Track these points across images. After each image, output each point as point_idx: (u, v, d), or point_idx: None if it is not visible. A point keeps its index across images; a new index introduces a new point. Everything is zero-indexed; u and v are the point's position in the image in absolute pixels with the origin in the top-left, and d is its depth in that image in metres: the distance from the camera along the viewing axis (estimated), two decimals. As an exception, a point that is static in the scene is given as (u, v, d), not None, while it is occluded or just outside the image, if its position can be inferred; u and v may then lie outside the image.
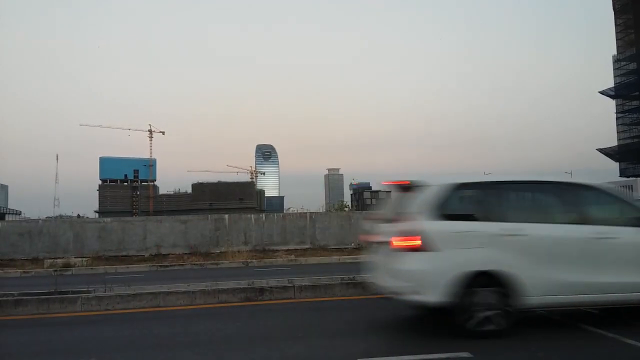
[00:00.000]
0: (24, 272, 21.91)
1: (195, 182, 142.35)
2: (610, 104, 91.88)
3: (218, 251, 28.01)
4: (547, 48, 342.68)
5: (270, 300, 10.97)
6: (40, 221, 32.74)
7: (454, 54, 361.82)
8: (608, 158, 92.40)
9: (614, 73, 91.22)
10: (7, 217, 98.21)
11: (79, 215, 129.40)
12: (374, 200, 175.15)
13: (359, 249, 28.79)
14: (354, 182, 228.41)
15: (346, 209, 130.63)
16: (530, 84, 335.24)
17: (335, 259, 24.07)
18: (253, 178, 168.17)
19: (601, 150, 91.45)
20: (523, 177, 8.05)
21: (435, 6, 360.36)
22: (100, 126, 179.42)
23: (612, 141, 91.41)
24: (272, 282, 12.02)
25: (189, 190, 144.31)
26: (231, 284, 11.90)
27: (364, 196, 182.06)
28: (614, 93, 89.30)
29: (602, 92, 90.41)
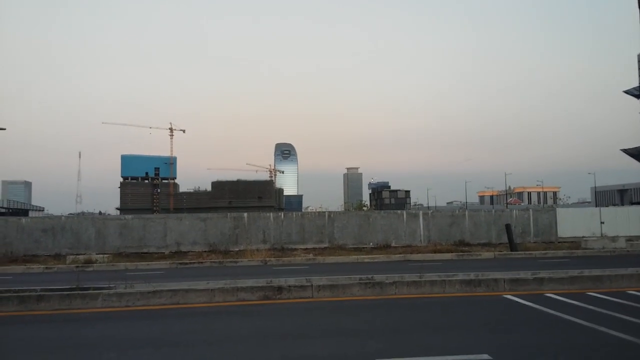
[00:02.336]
0: (47, 267, 22.25)
1: (215, 180, 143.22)
2: (635, 103, 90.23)
3: (237, 249, 28.15)
4: (571, 47, 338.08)
5: (289, 299, 10.99)
6: (63, 218, 33.28)
7: (473, 52, 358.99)
8: (632, 159, 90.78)
9: (639, 72, 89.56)
10: (30, 214, 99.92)
11: (100, 212, 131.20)
12: (392, 200, 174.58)
13: (377, 248, 28.73)
14: (372, 181, 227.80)
15: (365, 208, 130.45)
16: (554, 83, 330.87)
17: (353, 258, 24.02)
18: (272, 177, 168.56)
19: (625, 151, 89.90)
20: None
21: (452, 3, 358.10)
22: (123, 124, 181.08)
23: (636, 141, 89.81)
24: (291, 281, 12.03)
25: (209, 188, 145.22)
26: (250, 282, 11.94)
27: (382, 195, 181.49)
28: (639, 92, 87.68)
29: (626, 92, 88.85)
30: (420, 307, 10.31)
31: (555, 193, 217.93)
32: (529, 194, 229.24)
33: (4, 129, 26.81)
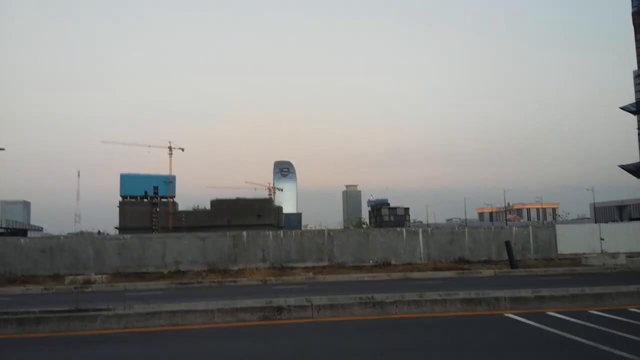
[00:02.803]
0: (45, 288, 22.14)
1: (214, 198, 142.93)
2: (632, 119, 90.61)
3: (236, 268, 28.05)
4: (568, 63, 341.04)
5: (289, 319, 10.93)
6: (61, 238, 33.14)
7: (471, 67, 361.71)
8: (630, 174, 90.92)
9: (635, 89, 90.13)
10: (29, 234, 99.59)
11: (99, 232, 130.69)
12: (392, 217, 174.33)
13: (377, 266, 28.63)
14: (372, 198, 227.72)
15: (364, 225, 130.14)
16: (551, 99, 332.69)
17: (354, 277, 23.93)
18: (271, 194, 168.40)
19: (623, 167, 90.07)
20: None
21: (454, 21, 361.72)
22: (122, 143, 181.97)
23: (634, 158, 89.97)
24: (290, 301, 11.96)
25: (208, 207, 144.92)
26: (249, 303, 11.87)
27: (381, 212, 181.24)
28: (635, 109, 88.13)
29: (623, 108, 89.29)
30: (422, 326, 10.25)
31: (554, 209, 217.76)
32: (528, 210, 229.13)
33: (3, 149, 26.84)
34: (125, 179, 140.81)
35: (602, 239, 31.91)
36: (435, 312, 11.40)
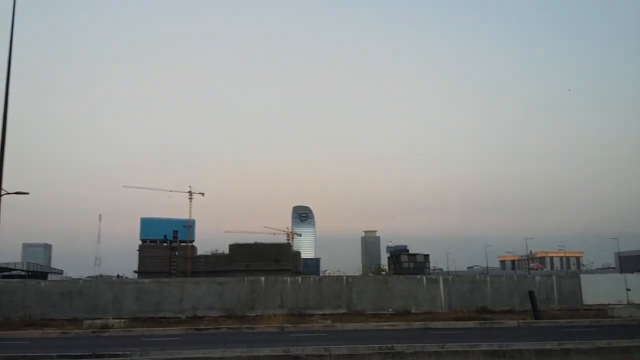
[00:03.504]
0: (63, 332, 22.10)
1: (233, 242, 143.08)
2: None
3: (254, 314, 27.75)
4: (592, 111, 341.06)
5: (306, 369, 10.73)
6: (80, 281, 33.26)
7: (490, 115, 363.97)
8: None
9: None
10: (49, 276, 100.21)
11: (118, 276, 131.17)
12: (411, 264, 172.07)
13: (397, 314, 28.10)
14: (390, 244, 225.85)
15: (383, 272, 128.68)
16: (573, 147, 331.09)
17: (372, 325, 23.49)
18: (289, 239, 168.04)
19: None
20: None
21: (470, 74, 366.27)
22: (142, 188, 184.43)
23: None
24: (308, 350, 11.76)
25: (227, 251, 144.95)
26: (266, 351, 11.71)
27: (401, 259, 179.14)
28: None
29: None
30: (443, 379, 9.96)
31: (578, 258, 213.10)
32: (551, 259, 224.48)
33: (27, 193, 27.36)
34: (146, 223, 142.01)
35: (628, 290, 31.04)
36: (457, 363, 11.11)
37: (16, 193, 26.90)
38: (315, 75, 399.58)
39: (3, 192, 25.21)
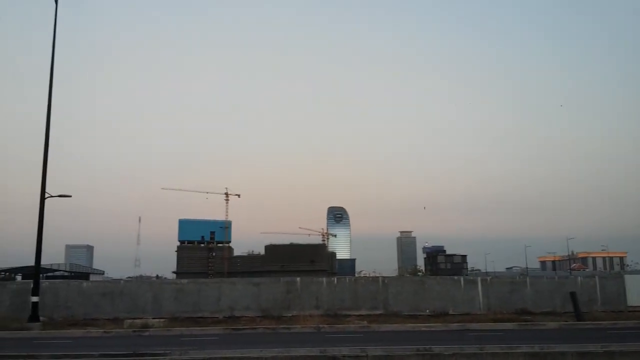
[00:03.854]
0: (105, 332, 22.61)
1: (268, 243, 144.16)
2: None
3: (290, 315, 27.85)
4: (624, 111, 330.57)
5: (343, 369, 10.70)
6: (121, 282, 34.01)
7: (532, 117, 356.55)
8: None
9: None
10: (91, 277, 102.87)
11: (157, 276, 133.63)
12: (448, 265, 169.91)
13: (434, 316, 27.77)
14: (427, 245, 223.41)
15: (419, 273, 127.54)
16: (614, 146, 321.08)
17: (409, 326, 23.28)
18: (324, 240, 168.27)
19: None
20: None
21: (526, 78, 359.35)
22: (180, 190, 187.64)
23: None
24: (345, 350, 11.74)
25: (262, 252, 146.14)
26: (303, 351, 11.73)
27: (437, 260, 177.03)
28: None
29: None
30: (482, 381, 9.79)
31: (621, 258, 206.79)
32: (594, 259, 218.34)
33: (70, 196, 28.13)
34: (184, 225, 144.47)
35: (676, 291, 29.93)
36: (496, 366, 10.90)
37: (59, 196, 27.72)
38: (353, 76, 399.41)
39: (47, 196, 26.02)
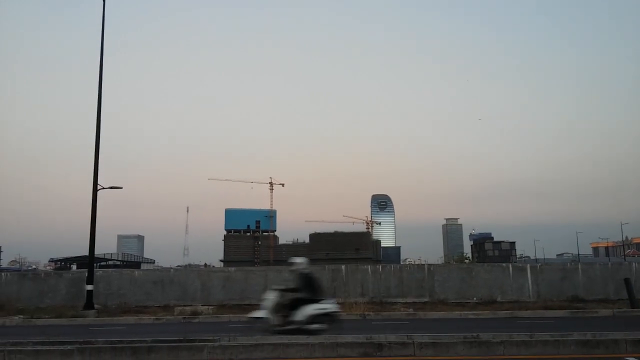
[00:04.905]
0: (157, 318, 23.30)
1: (313, 232, 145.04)
2: None
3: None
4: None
5: (389, 356, 10.70)
6: (171, 270, 34.90)
7: (583, 103, 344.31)
8: None
9: None
10: (142, 266, 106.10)
11: (205, 265, 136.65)
12: (496, 252, 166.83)
13: (481, 303, 27.38)
14: (474, 232, 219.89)
15: (466, 260, 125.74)
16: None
17: (456, 314, 23.05)
18: (369, 228, 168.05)
19: None
20: None
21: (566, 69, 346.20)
22: (226, 180, 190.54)
23: None
24: (391, 338, 11.72)
25: (307, 240, 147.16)
26: (349, 338, 11.77)
27: (485, 247, 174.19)
28: None
29: None
30: (532, 369, 9.62)
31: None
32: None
33: (120, 188, 28.98)
34: (230, 214, 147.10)
35: None
36: (547, 354, 10.67)
37: (111, 188, 28.61)
38: (394, 64, 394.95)
39: (99, 188, 26.90)
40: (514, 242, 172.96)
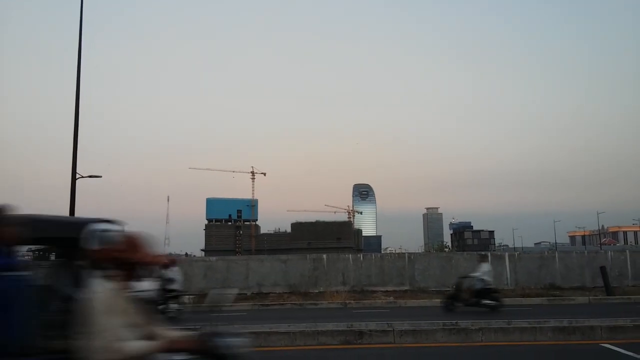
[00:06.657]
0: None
1: (295, 221, 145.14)
2: None
3: (317, 291, 28.14)
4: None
5: (370, 344, 10.81)
6: (152, 259, 34.50)
7: (555, 91, 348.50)
8: None
9: None
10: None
11: (186, 254, 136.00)
12: (475, 240, 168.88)
13: (460, 291, 27.70)
14: (453, 221, 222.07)
15: (446, 249, 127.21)
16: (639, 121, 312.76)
17: (436, 302, 23.27)
18: (350, 217, 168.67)
19: None
20: None
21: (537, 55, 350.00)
22: (207, 169, 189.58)
23: None
24: (371, 326, 11.84)
25: (289, 230, 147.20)
26: (330, 326, 11.87)
27: (464, 236, 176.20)
28: None
29: None
30: (509, 355, 9.82)
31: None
32: (625, 233, 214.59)
33: (100, 177, 28.65)
34: (211, 203, 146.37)
35: None
36: (524, 340, 10.88)
37: (89, 177, 28.21)
38: (377, 57, 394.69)
39: (78, 176, 26.54)
40: (492, 231, 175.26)
